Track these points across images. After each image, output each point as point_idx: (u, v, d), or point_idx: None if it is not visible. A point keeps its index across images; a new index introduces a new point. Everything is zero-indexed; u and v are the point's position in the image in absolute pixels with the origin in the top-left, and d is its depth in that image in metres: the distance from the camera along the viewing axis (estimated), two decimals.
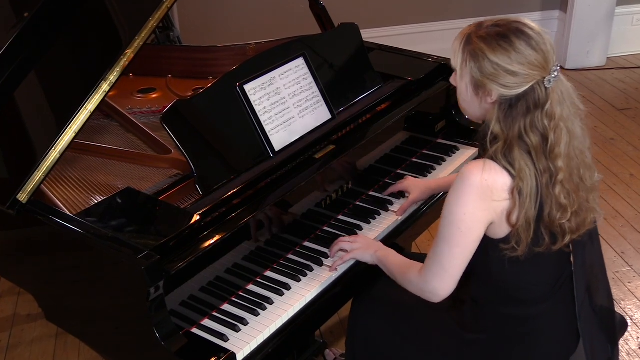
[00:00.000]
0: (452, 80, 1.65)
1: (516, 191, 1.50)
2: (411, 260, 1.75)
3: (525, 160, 1.50)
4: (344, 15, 2.60)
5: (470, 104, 1.61)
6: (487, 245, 1.58)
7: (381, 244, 1.89)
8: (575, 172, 1.56)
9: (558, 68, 1.52)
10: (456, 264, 1.58)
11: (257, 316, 1.70)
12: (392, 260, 1.78)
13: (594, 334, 1.73)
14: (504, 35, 1.50)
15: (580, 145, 1.58)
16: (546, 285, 1.66)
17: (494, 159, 1.52)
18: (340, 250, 1.87)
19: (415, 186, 2.11)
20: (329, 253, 1.88)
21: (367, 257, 1.84)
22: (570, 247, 1.64)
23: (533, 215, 1.51)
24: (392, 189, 2.13)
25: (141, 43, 1.82)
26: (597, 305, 1.74)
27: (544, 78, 1.50)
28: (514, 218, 1.52)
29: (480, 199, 1.51)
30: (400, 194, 2.14)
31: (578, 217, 1.58)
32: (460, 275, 1.60)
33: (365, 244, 1.86)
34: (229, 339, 1.64)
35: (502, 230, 1.55)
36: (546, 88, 1.51)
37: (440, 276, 1.60)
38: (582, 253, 1.67)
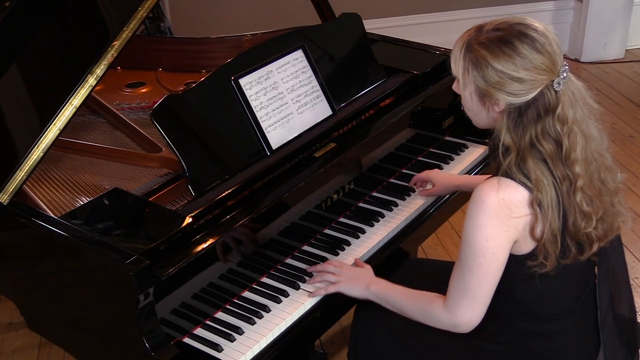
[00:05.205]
0: (454, 87, 1.64)
1: (536, 203, 1.49)
2: (423, 293, 1.70)
3: (541, 169, 1.50)
4: (345, 5, 2.60)
5: (477, 113, 1.61)
6: (510, 262, 1.57)
7: (372, 274, 1.82)
8: (596, 176, 1.56)
9: (567, 68, 1.52)
10: (486, 290, 1.57)
11: (253, 325, 1.70)
12: (398, 297, 1.73)
13: (614, 344, 1.73)
14: (506, 39, 1.49)
15: (598, 147, 1.57)
16: (571, 299, 1.66)
17: (508, 174, 1.51)
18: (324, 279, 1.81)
19: (440, 179, 2.12)
20: (307, 279, 1.82)
21: (356, 292, 1.78)
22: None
23: (558, 226, 1.51)
24: (415, 178, 2.16)
25: (130, 34, 1.82)
26: (619, 315, 1.74)
27: (553, 81, 1.49)
28: (538, 232, 1.52)
29: (499, 220, 1.50)
30: (405, 195, 2.15)
31: (604, 223, 1.57)
32: (490, 298, 1.59)
33: (353, 276, 1.79)
34: (223, 349, 1.64)
35: (526, 246, 1.55)
36: (556, 91, 1.50)
37: (472, 305, 1.58)
38: (605, 260, 1.67)
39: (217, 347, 1.64)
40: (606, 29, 4.89)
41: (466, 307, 1.58)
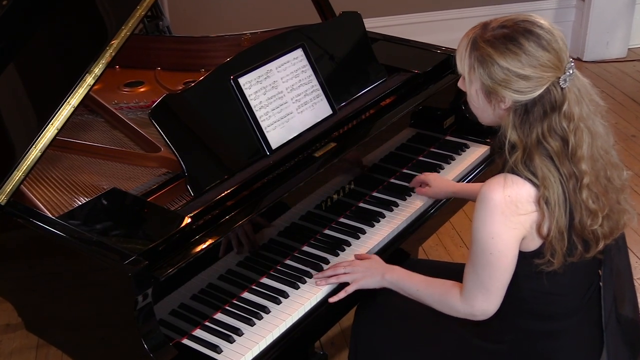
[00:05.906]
0: (460, 85, 1.65)
1: (543, 201, 1.50)
2: (440, 281, 1.72)
3: (547, 166, 1.50)
4: (345, 3, 2.60)
5: (483, 111, 1.61)
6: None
7: (382, 262, 1.84)
8: (602, 173, 1.56)
9: (573, 65, 1.52)
10: (500, 284, 1.59)
11: (252, 326, 1.70)
12: (415, 285, 1.75)
13: (618, 345, 1.73)
14: (512, 37, 1.50)
15: (604, 144, 1.58)
16: (575, 297, 1.66)
17: (515, 170, 1.52)
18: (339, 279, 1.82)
19: (437, 183, 2.12)
20: (317, 280, 1.82)
21: (372, 284, 1.81)
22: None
23: (564, 223, 1.52)
24: (415, 180, 2.17)
25: (128, 33, 1.82)
26: (622, 316, 1.75)
27: (559, 78, 1.50)
28: (545, 229, 1.52)
29: (505, 217, 1.51)
30: (406, 195, 2.15)
31: (610, 220, 1.58)
32: (506, 288, 1.61)
33: (366, 270, 1.81)
34: (222, 351, 1.64)
35: (533, 244, 1.56)
36: (562, 88, 1.51)
37: (487, 297, 1.61)
38: (610, 260, 1.67)
39: (216, 349, 1.64)
40: (609, 27, 4.89)
41: (482, 298, 1.61)
